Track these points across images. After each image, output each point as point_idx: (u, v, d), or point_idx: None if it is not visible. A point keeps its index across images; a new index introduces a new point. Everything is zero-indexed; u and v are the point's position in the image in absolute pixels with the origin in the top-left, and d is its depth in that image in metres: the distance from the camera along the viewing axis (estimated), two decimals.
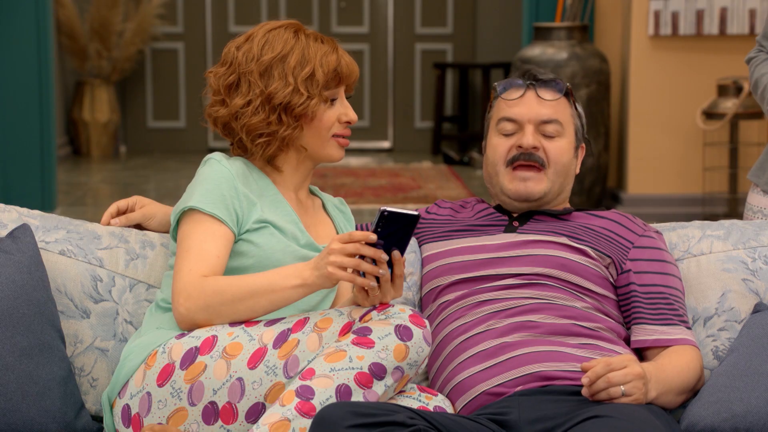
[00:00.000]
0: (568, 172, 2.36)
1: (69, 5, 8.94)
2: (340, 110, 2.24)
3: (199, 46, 9.72)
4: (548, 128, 2.33)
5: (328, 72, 2.20)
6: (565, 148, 2.34)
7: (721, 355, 2.32)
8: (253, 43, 2.22)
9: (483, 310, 2.23)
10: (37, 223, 2.34)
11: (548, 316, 2.19)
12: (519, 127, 2.33)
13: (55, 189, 6.40)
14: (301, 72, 2.19)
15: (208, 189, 2.17)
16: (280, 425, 1.95)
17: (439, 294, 2.30)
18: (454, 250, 2.32)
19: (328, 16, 9.83)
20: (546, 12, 6.67)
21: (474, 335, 2.20)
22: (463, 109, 9.65)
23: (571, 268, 2.24)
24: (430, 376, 2.30)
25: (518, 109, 2.34)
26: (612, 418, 1.94)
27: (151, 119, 9.79)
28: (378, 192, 7.50)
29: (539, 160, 2.32)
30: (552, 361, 2.13)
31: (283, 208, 2.23)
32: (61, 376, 2.17)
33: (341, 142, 2.25)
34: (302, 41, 2.21)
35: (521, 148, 2.32)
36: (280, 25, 2.25)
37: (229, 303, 2.08)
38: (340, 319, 2.06)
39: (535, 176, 2.31)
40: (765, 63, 2.80)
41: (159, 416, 2.07)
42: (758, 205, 2.77)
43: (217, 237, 2.13)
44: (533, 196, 2.32)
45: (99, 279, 2.31)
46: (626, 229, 2.32)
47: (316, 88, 2.19)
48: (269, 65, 2.19)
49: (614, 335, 2.22)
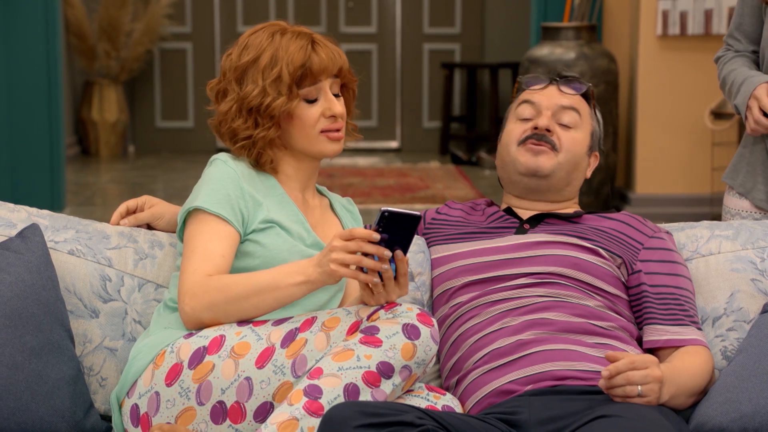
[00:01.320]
0: (578, 164, 2.38)
1: (78, 5, 8.95)
2: (324, 105, 2.23)
3: (208, 46, 9.72)
4: (565, 117, 2.37)
5: (293, 70, 2.19)
6: (578, 140, 2.38)
7: (730, 355, 2.32)
8: (235, 49, 2.25)
9: (496, 309, 2.23)
10: (46, 223, 2.35)
11: (562, 314, 2.19)
12: (537, 112, 2.38)
13: (64, 189, 6.41)
14: (270, 73, 2.19)
15: (214, 189, 2.17)
16: (288, 424, 1.95)
17: (451, 296, 2.31)
18: (465, 252, 2.33)
19: (336, 16, 9.82)
20: (554, 12, 6.67)
21: (488, 334, 2.21)
22: (471, 109, 9.65)
23: (583, 267, 2.25)
24: (443, 377, 2.30)
25: (539, 95, 2.40)
26: (621, 417, 1.94)
27: (159, 119, 9.80)
28: (386, 192, 7.50)
29: (551, 141, 2.36)
30: (565, 360, 2.14)
31: (289, 207, 2.24)
32: (70, 375, 2.17)
33: (331, 137, 2.24)
34: (276, 42, 2.21)
35: (536, 129, 2.36)
36: (262, 27, 2.26)
37: (233, 301, 2.09)
38: (347, 318, 2.07)
39: (547, 152, 2.35)
40: (733, 60, 2.79)
41: (167, 416, 2.07)
42: (735, 207, 2.77)
43: (222, 237, 2.14)
44: (542, 171, 2.35)
45: (108, 279, 2.32)
46: (636, 231, 2.34)
47: (284, 87, 2.19)
48: (244, 70, 2.21)
49: (627, 334, 2.23)
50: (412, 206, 6.91)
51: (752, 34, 2.80)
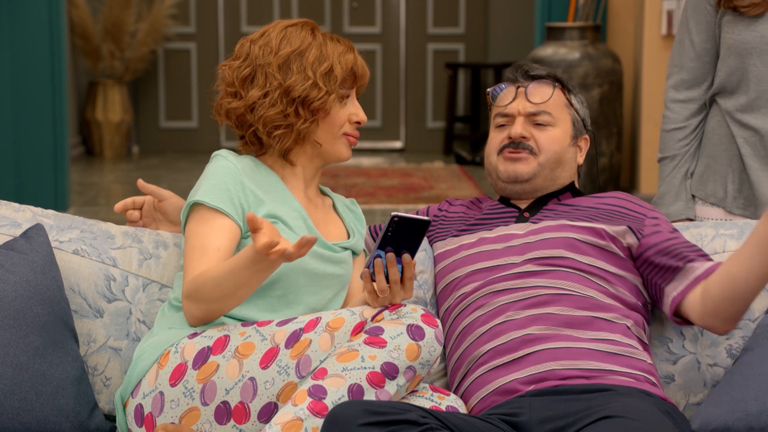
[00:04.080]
0: (561, 160, 2.40)
1: (82, 6, 8.96)
2: (351, 110, 2.26)
3: (212, 46, 9.73)
4: (538, 118, 2.40)
5: (346, 69, 2.23)
6: (556, 137, 2.39)
7: (735, 354, 2.32)
8: (270, 37, 2.24)
9: (500, 300, 2.24)
10: (51, 223, 2.35)
11: (565, 308, 2.20)
12: (511, 119, 2.41)
13: (68, 189, 6.41)
14: (319, 67, 2.21)
15: (213, 184, 2.18)
16: (293, 425, 1.95)
17: (456, 286, 2.32)
18: (469, 244, 2.36)
19: (341, 17, 9.83)
20: (558, 12, 6.67)
21: (492, 327, 2.22)
22: (475, 109, 9.65)
23: (585, 250, 2.26)
24: (449, 369, 2.30)
25: (509, 107, 2.42)
26: (624, 418, 1.94)
27: (163, 119, 9.81)
28: (390, 192, 7.50)
29: (528, 147, 2.39)
30: (569, 358, 2.14)
31: (292, 203, 2.24)
32: (74, 375, 2.18)
33: (351, 141, 2.27)
34: (319, 39, 2.24)
35: (510, 138, 2.39)
36: (296, 23, 2.27)
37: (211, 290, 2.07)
38: (352, 318, 2.07)
39: (524, 158, 2.38)
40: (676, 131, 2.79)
41: (171, 416, 2.07)
42: (707, 216, 2.77)
43: (219, 230, 2.14)
44: (521, 177, 2.38)
45: (112, 278, 2.32)
46: (635, 204, 2.38)
47: (334, 83, 2.22)
48: (288, 59, 2.21)
49: (631, 323, 2.22)
50: (416, 206, 6.91)
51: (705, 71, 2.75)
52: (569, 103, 2.43)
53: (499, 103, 2.43)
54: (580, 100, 2.45)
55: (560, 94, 2.42)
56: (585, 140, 2.45)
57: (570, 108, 2.43)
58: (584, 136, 2.45)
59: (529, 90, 2.40)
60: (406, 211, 2.09)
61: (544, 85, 2.41)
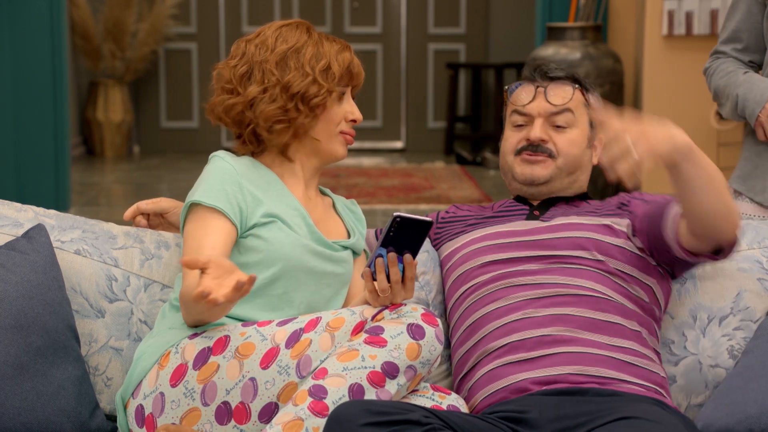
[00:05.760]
0: (579, 163, 2.39)
1: (83, 6, 8.96)
2: (347, 108, 2.27)
3: (213, 46, 9.73)
4: (558, 119, 2.37)
5: (343, 67, 2.24)
6: (575, 140, 2.37)
7: (737, 355, 2.31)
8: (266, 36, 2.26)
9: (518, 295, 2.23)
10: (53, 223, 2.35)
11: (585, 310, 2.18)
12: (530, 119, 2.38)
13: (69, 189, 6.41)
14: (317, 64, 2.22)
15: (210, 184, 2.18)
16: (294, 425, 1.95)
17: (468, 276, 2.30)
18: (481, 237, 2.34)
19: (341, 17, 9.83)
20: (559, 12, 6.67)
21: (509, 323, 2.20)
22: (475, 110, 9.65)
23: (599, 247, 2.25)
24: (454, 361, 2.29)
25: (528, 106, 2.39)
26: (641, 419, 1.93)
27: (164, 119, 9.81)
28: (390, 192, 7.50)
29: (547, 150, 2.37)
30: (583, 364, 2.12)
31: (291, 202, 2.24)
32: (75, 375, 2.18)
33: (347, 140, 2.28)
34: (314, 37, 2.26)
35: (529, 141, 2.37)
36: (291, 22, 2.29)
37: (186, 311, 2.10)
38: (352, 318, 2.07)
39: (542, 161, 2.36)
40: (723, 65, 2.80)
41: (172, 416, 2.07)
42: (746, 213, 2.77)
43: (214, 228, 2.14)
44: (538, 180, 2.36)
45: (114, 278, 2.32)
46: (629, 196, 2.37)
47: (332, 81, 2.23)
48: (284, 55, 2.23)
49: (646, 332, 2.21)
50: (417, 206, 6.91)
51: (751, 45, 2.79)
52: (587, 102, 2.40)
53: (517, 101, 2.40)
54: (597, 98, 2.43)
55: (579, 95, 2.40)
56: (600, 140, 2.42)
57: (588, 108, 2.40)
58: (600, 135, 2.42)
59: (549, 91, 2.38)
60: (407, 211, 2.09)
61: (563, 85, 2.39)
